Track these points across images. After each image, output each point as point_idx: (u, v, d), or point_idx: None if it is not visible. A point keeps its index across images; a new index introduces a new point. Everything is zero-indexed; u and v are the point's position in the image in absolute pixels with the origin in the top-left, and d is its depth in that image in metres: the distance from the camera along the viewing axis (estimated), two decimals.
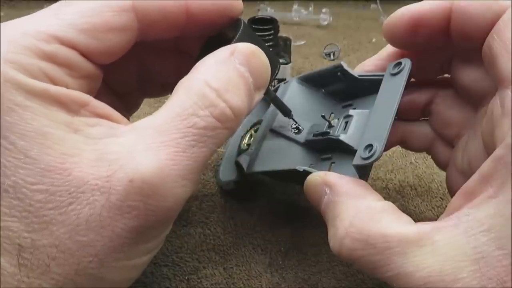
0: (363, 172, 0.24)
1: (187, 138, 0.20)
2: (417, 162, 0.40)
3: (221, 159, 0.37)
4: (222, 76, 0.22)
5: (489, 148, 0.22)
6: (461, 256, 0.18)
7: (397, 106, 0.24)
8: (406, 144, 0.31)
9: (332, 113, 0.31)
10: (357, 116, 0.27)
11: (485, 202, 0.19)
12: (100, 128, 0.20)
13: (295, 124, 0.31)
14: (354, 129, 0.27)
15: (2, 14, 0.69)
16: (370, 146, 0.23)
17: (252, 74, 0.23)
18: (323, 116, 0.30)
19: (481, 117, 0.25)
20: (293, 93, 0.32)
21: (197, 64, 0.23)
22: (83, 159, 0.19)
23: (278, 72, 0.26)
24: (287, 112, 0.30)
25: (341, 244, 0.21)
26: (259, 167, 0.30)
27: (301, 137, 0.31)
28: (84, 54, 0.22)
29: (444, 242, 0.19)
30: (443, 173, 0.30)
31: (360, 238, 0.21)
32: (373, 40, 0.64)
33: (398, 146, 0.32)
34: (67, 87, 0.21)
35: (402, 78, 0.25)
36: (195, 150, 0.21)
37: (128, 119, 0.28)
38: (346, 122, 0.28)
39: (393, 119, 0.24)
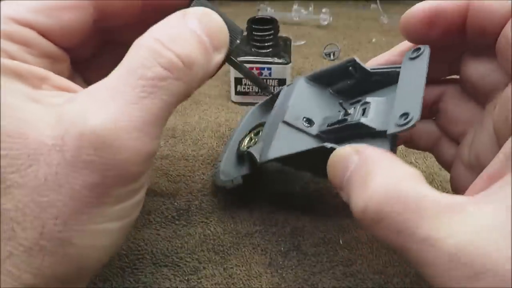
0: (394, 143, 0.24)
1: (137, 90, 0.21)
2: (417, 162, 0.40)
3: (220, 161, 0.37)
4: (172, 31, 0.22)
5: (502, 136, 0.22)
6: (496, 230, 0.17)
7: (426, 78, 0.24)
8: (410, 143, 0.31)
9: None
10: (374, 103, 0.27)
11: None
12: (60, 98, 0.21)
13: (306, 117, 0.31)
14: (374, 114, 0.26)
15: None
16: (405, 115, 0.23)
17: (206, 32, 0.23)
18: (340, 103, 0.29)
19: (488, 112, 0.25)
20: (300, 92, 0.32)
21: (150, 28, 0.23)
22: (41, 123, 0.20)
23: (240, 40, 0.27)
24: (264, 87, 0.30)
25: (369, 200, 0.20)
26: (274, 153, 0.29)
27: (313, 130, 0.30)
28: (42, 33, 0.23)
29: (478, 214, 0.18)
30: (443, 173, 0.30)
31: (391, 193, 0.19)
32: (373, 40, 0.64)
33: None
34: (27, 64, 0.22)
35: (424, 59, 0.25)
36: (146, 101, 0.21)
37: None
38: (364, 109, 0.27)
39: (423, 91, 0.24)
